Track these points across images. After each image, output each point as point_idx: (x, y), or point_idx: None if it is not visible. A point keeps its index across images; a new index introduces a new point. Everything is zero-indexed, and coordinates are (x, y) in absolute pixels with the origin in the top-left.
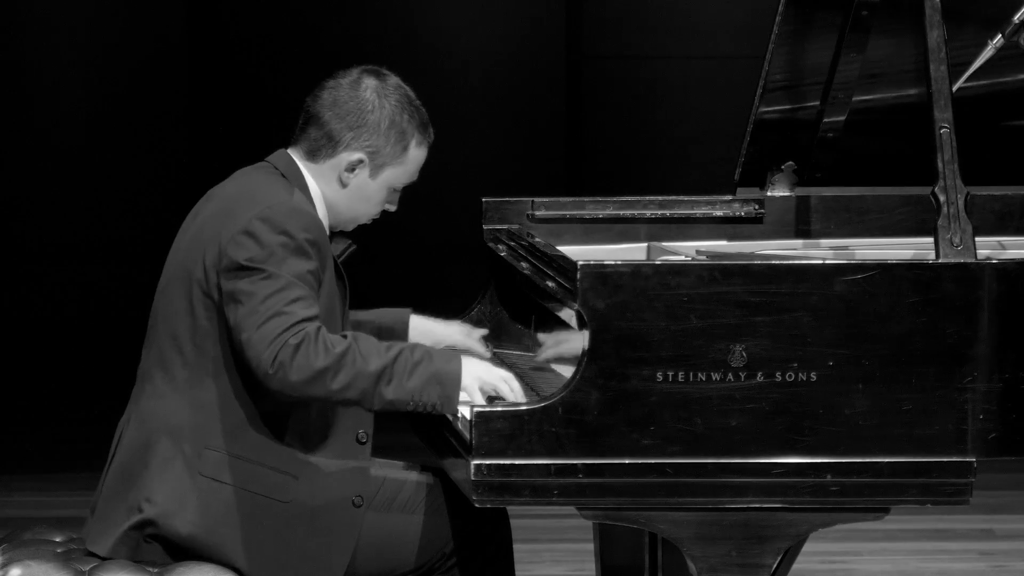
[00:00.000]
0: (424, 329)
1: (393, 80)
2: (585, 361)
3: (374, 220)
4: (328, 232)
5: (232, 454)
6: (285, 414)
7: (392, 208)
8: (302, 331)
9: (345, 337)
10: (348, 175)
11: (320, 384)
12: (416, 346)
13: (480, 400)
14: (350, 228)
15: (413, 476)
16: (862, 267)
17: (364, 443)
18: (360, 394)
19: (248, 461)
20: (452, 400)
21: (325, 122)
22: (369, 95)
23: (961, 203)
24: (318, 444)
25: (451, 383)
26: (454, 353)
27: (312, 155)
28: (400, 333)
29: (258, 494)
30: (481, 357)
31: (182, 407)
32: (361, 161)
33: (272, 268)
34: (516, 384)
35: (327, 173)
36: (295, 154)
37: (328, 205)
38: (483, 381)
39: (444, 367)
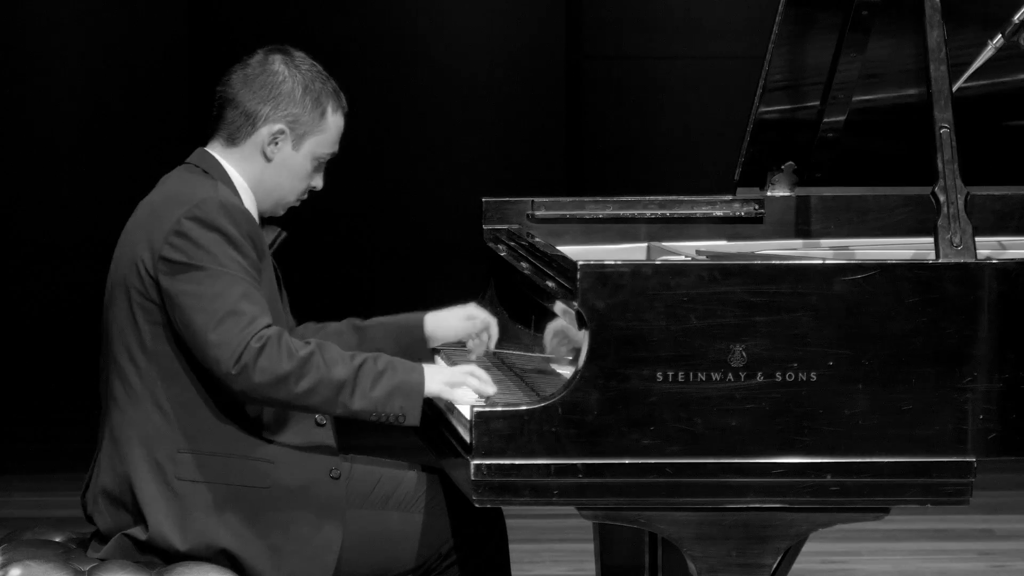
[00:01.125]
0: (436, 321)
1: (299, 54)
2: (585, 361)
3: (302, 201)
4: (259, 222)
5: (204, 452)
6: (245, 404)
7: (318, 186)
8: (264, 334)
9: (308, 343)
10: (272, 148)
11: (283, 388)
12: (379, 356)
13: (462, 397)
14: (280, 213)
15: (411, 474)
16: (862, 267)
17: (323, 425)
18: (323, 401)
19: (221, 456)
20: (415, 410)
21: (240, 102)
22: (278, 68)
23: (961, 203)
24: (282, 429)
25: (415, 394)
26: (416, 364)
27: (232, 139)
28: (416, 329)
29: (238, 485)
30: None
31: (146, 417)
32: (282, 132)
33: (213, 265)
34: (482, 373)
35: (250, 153)
36: (213, 148)
37: (254, 188)
38: (451, 382)
39: (407, 378)
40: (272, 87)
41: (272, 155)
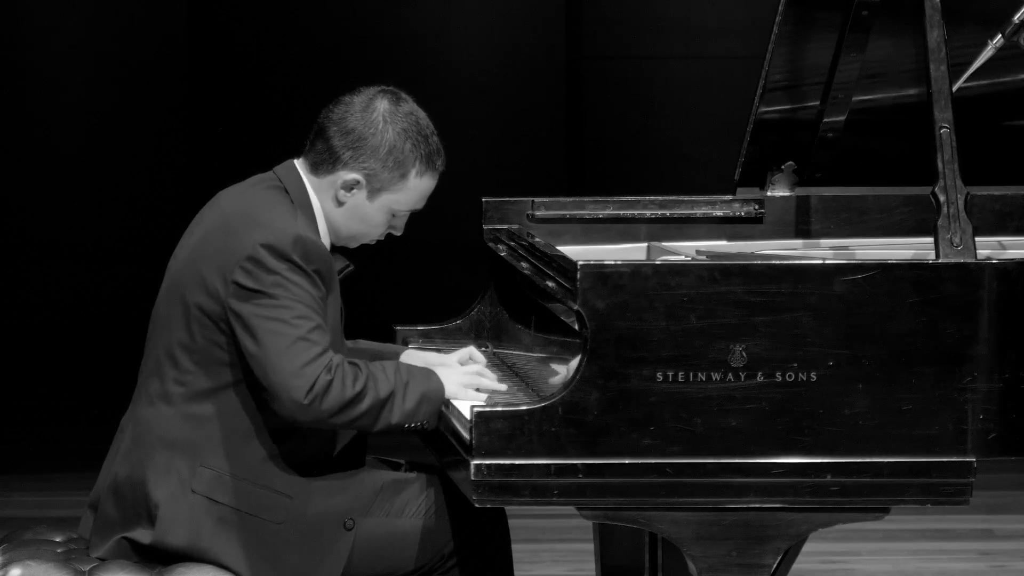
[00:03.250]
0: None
1: (407, 106)
2: (585, 361)
3: (378, 241)
4: (330, 249)
5: (227, 473)
6: (281, 434)
7: (397, 233)
8: (332, 364)
9: (357, 366)
10: (344, 194)
11: (347, 413)
12: (399, 366)
13: (475, 398)
14: (353, 246)
15: (412, 478)
16: (862, 267)
17: (358, 469)
18: (372, 420)
19: (243, 480)
20: (436, 416)
21: (329, 137)
22: (376, 117)
23: (961, 203)
24: (313, 464)
25: (437, 400)
26: (430, 370)
27: (315, 168)
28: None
29: (251, 514)
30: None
31: (177, 421)
32: (358, 182)
33: (284, 295)
34: (488, 373)
35: (326, 188)
36: (302, 167)
37: (328, 218)
38: (466, 382)
39: (427, 385)
40: (360, 136)
41: (344, 200)
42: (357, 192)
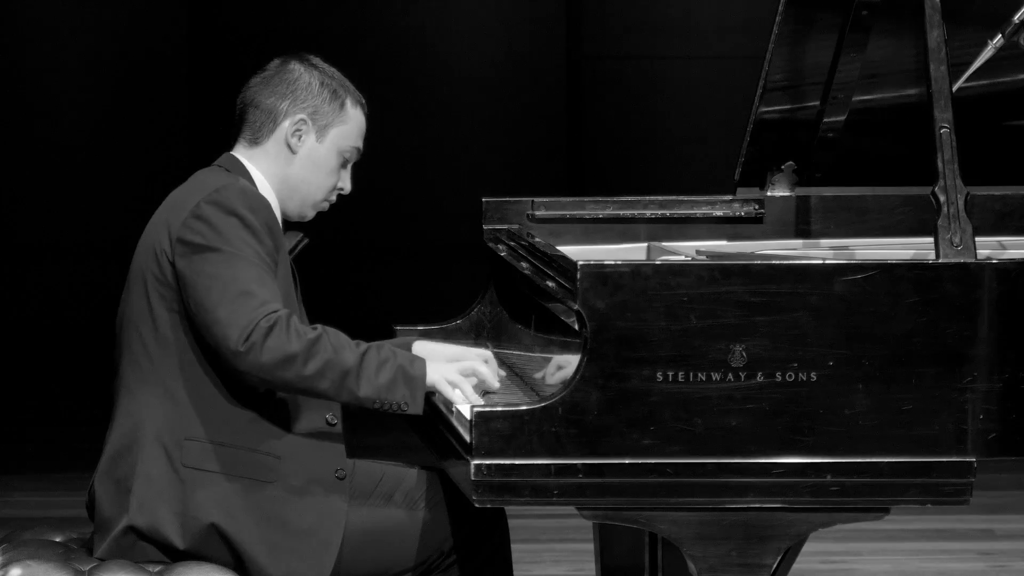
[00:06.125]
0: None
1: (316, 58)
2: (585, 361)
3: (332, 205)
4: (281, 223)
5: (212, 441)
6: (258, 396)
7: (346, 187)
8: (274, 315)
9: (316, 327)
10: (296, 141)
11: (291, 368)
12: (382, 345)
13: (468, 389)
14: (309, 215)
15: (412, 472)
16: (862, 267)
17: (334, 425)
18: (330, 385)
19: (229, 446)
20: (417, 400)
21: (260, 102)
22: (294, 65)
23: (961, 203)
24: (292, 425)
25: (417, 384)
26: (416, 355)
27: (255, 139)
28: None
29: (244, 477)
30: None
31: (156, 403)
32: (304, 121)
33: (228, 248)
34: (493, 363)
35: (274, 149)
36: (238, 151)
37: (279, 187)
38: (459, 369)
39: (408, 367)
40: (290, 83)
41: (297, 148)
42: (306, 134)
